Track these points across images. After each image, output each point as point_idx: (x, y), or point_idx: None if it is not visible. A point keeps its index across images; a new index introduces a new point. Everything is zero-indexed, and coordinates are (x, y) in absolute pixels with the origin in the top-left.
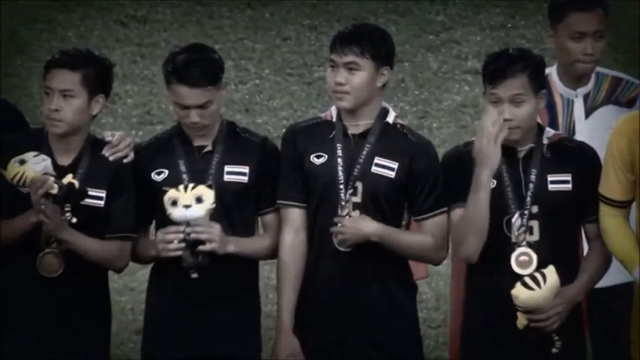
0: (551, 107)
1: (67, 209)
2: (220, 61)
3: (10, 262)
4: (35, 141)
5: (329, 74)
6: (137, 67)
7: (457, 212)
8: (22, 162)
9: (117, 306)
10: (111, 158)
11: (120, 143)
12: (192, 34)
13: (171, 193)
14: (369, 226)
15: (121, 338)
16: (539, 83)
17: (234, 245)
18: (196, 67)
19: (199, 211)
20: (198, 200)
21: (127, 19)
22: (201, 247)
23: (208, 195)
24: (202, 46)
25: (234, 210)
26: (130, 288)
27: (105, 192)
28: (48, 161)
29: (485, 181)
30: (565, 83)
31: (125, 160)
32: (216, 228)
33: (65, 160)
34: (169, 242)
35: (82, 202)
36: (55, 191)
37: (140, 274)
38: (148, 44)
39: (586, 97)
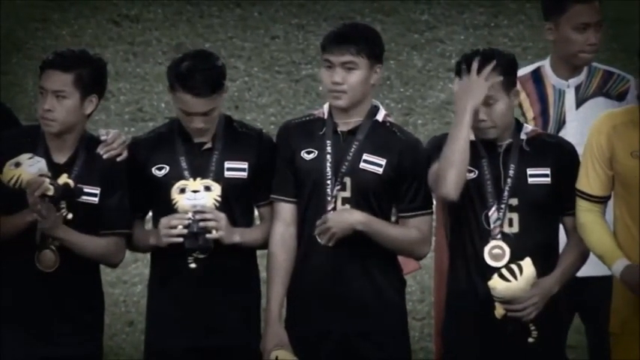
0: (543, 98)
1: (62, 206)
2: (223, 67)
3: (9, 258)
4: (31, 138)
5: (325, 74)
6: (129, 65)
7: (435, 165)
8: (18, 165)
9: (110, 298)
10: (105, 156)
11: (114, 142)
12: (183, 33)
13: (180, 183)
14: (354, 215)
15: (114, 329)
16: (511, 82)
17: (239, 235)
18: (201, 76)
19: (207, 197)
20: (207, 189)
21: (119, 18)
22: (208, 235)
23: (216, 187)
24: (206, 54)
25: (235, 204)
26: (122, 281)
27: (99, 189)
28: (43, 162)
29: (468, 112)
30: (558, 74)
31: (119, 159)
32: (222, 217)
33: (61, 158)
34: (173, 228)
35: (77, 200)
36: (51, 192)
37: (132, 268)
38: (140, 43)
39: (577, 88)
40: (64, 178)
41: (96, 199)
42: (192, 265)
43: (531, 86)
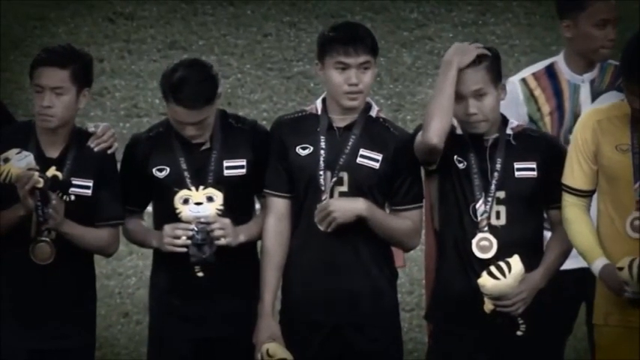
0: (558, 93)
1: (60, 194)
2: (216, 77)
3: (3, 251)
4: (23, 134)
5: (336, 76)
6: (124, 62)
7: (419, 135)
8: (6, 160)
9: (105, 290)
10: (96, 149)
11: (104, 134)
12: (178, 31)
13: (183, 193)
14: (358, 203)
15: (109, 321)
16: (498, 75)
17: (244, 234)
18: (192, 89)
19: (210, 208)
20: (210, 199)
21: (114, 16)
22: (216, 242)
23: (219, 196)
24: (199, 64)
25: (236, 200)
26: (117, 273)
27: (92, 181)
28: (31, 157)
29: (454, 66)
30: (573, 69)
31: (109, 151)
32: (227, 223)
33: (53, 153)
34: (177, 238)
35: (71, 192)
36: (40, 185)
37: (127, 260)
38: (135, 40)
39: (592, 82)
40: (52, 171)
41: (89, 192)
42: (200, 274)
43: (546, 81)
